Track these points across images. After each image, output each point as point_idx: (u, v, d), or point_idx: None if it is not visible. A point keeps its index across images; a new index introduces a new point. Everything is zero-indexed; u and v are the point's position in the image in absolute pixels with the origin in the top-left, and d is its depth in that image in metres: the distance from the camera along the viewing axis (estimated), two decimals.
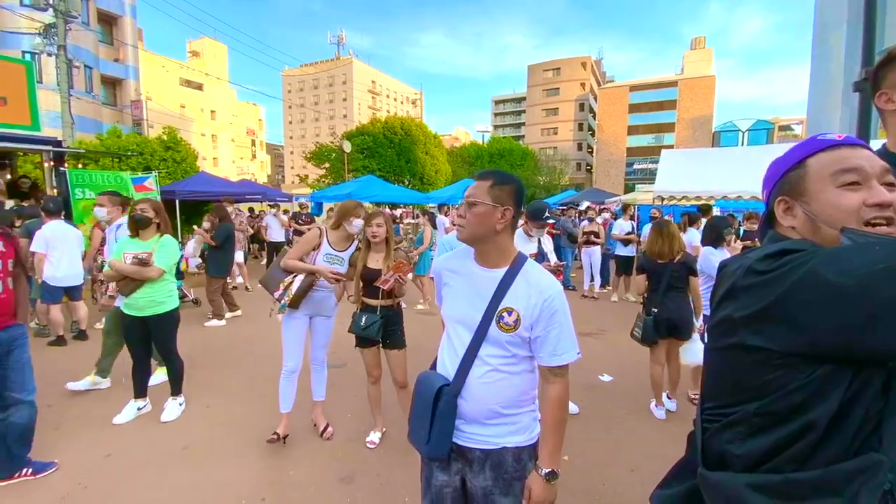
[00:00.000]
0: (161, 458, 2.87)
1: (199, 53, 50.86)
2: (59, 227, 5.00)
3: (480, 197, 1.31)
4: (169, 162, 11.72)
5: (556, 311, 1.30)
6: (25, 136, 7.58)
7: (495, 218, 1.31)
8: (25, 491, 2.52)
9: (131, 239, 3.27)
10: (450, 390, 1.33)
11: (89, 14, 21.19)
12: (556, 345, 1.30)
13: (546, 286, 1.32)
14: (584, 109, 58.06)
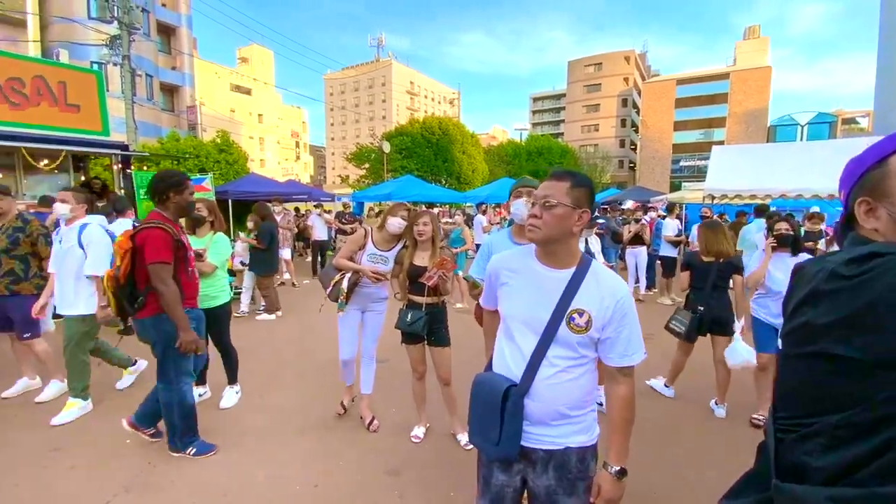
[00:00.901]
0: (221, 443, 3.06)
1: (247, 59, 53.23)
2: (125, 225, 5.40)
3: (560, 198, 1.30)
4: (222, 164, 12.39)
5: (627, 312, 1.32)
6: (96, 140, 8.24)
7: (573, 220, 1.32)
8: (101, 467, 2.76)
9: (189, 237, 3.51)
10: (517, 391, 1.33)
11: (150, 25, 22.68)
12: (627, 346, 1.32)
13: (618, 287, 1.34)
14: (628, 105, 56.20)
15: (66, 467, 2.74)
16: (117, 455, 2.89)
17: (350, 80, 67.57)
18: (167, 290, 2.58)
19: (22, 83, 7.49)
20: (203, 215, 3.54)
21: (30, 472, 2.70)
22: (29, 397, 3.70)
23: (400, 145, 27.04)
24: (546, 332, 1.32)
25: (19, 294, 3.62)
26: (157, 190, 2.73)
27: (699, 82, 48.49)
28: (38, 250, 3.72)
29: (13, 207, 3.70)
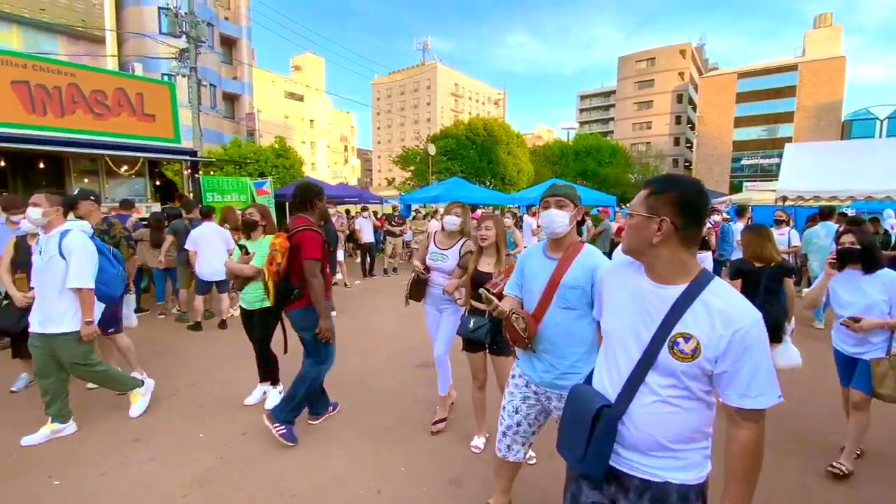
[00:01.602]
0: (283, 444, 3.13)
1: (300, 68, 55.49)
2: (207, 229, 5.74)
3: (636, 207, 1.25)
4: (280, 168, 12.97)
5: (751, 345, 1.12)
6: (169, 147, 8.83)
7: (650, 230, 1.21)
8: (178, 460, 2.90)
9: (245, 241, 3.70)
10: (611, 413, 1.25)
11: (214, 38, 24.13)
12: (749, 384, 1.13)
13: (738, 314, 1.14)
14: (683, 101, 53.47)
15: (147, 458, 2.90)
16: (191, 449, 3.02)
17: (396, 85, 68.80)
18: (318, 283, 2.98)
19: (105, 95, 8.16)
20: (256, 219, 3.69)
21: (115, 460, 2.88)
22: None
23: (445, 147, 27.17)
24: (645, 356, 1.21)
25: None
26: (307, 198, 3.17)
27: (763, 75, 45.26)
28: (121, 251, 4.01)
29: (95, 211, 3.99)
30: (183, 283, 6.40)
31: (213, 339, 5.54)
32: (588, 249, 1.97)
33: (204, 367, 4.55)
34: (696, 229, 1.22)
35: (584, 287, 1.86)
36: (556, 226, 1.92)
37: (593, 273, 1.80)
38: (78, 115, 7.70)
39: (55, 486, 2.60)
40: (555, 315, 1.92)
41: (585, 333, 1.92)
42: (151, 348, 5.01)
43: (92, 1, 20.14)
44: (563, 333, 1.92)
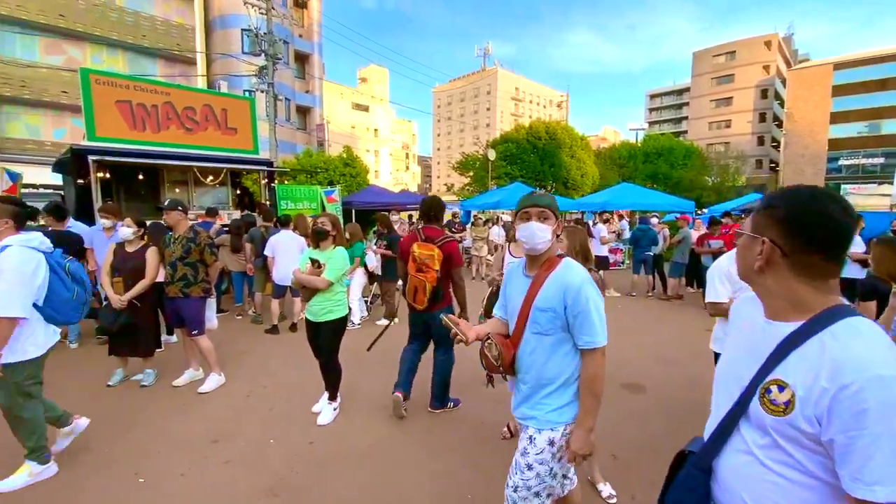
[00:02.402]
0: (353, 453, 3.10)
1: (366, 79, 57.81)
2: (284, 236, 6.00)
3: (746, 224, 1.07)
4: (347, 177, 13.46)
5: (867, 409, 0.80)
6: (249, 158, 9.41)
7: (753, 252, 1.00)
8: (251, 466, 2.95)
9: (314, 250, 3.67)
10: (695, 460, 1.09)
11: (289, 55, 25.74)
12: (863, 466, 0.81)
13: (853, 364, 0.84)
14: (768, 96, 48.84)
15: (222, 461, 2.99)
16: (263, 455, 3.07)
17: (457, 91, 69.48)
18: (464, 286, 3.53)
19: (194, 111, 8.87)
20: (327, 229, 3.62)
21: (194, 460, 2.99)
22: (193, 387, 4.20)
23: (505, 152, 26.81)
24: (739, 402, 1.01)
25: (190, 296, 4.14)
26: (437, 211, 3.67)
27: (865, 65, 40.11)
28: (205, 258, 4.23)
29: (182, 220, 4.25)
30: (259, 286, 6.75)
31: (286, 342, 5.73)
32: (565, 265, 1.75)
33: (276, 370, 4.70)
34: (813, 255, 0.94)
35: (555, 309, 1.67)
36: (537, 240, 1.71)
37: (565, 292, 1.65)
38: (171, 131, 8.44)
39: (140, 484, 2.73)
40: (529, 341, 1.76)
41: (562, 362, 1.72)
42: (229, 348, 5.28)
43: (185, 27, 22.31)
44: (538, 362, 1.75)
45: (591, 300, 1.65)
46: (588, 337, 1.66)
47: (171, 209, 4.33)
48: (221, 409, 3.77)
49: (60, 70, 17.66)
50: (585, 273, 1.73)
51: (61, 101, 18.04)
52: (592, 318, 1.65)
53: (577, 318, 1.65)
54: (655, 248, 9.05)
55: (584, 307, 1.64)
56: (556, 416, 1.73)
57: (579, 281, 1.66)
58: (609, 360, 1.76)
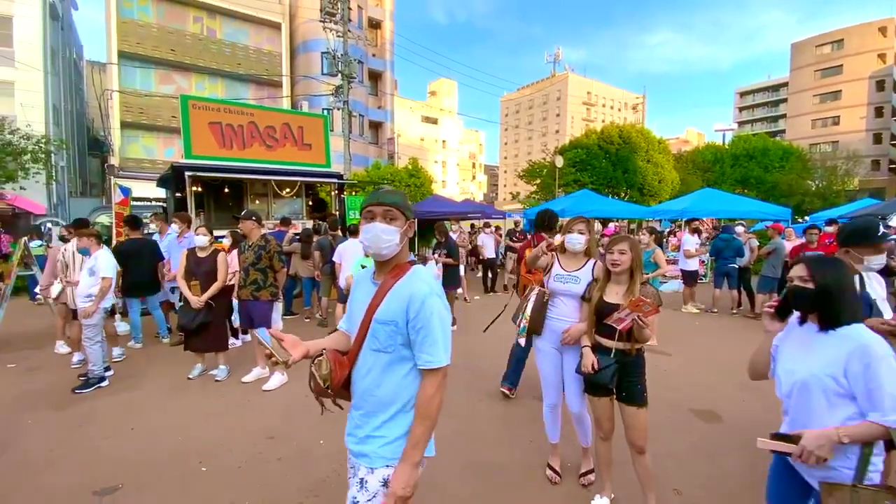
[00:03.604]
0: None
1: (435, 93, 59.37)
2: (351, 244, 6.23)
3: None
4: (412, 187, 13.85)
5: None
6: (322, 171, 10.02)
7: None
8: (300, 465, 3.07)
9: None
10: None
11: (363, 74, 27.19)
12: None
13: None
14: (886, 88, 42.43)
15: (275, 458, 3.15)
16: (312, 455, 3.19)
17: (525, 100, 68.88)
18: None
19: (274, 130, 9.65)
20: None
21: (251, 454, 3.18)
22: (259, 384, 4.49)
23: (574, 158, 25.94)
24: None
25: (259, 299, 4.46)
26: (551, 221, 3.91)
27: None
28: (273, 264, 4.55)
29: (255, 229, 4.60)
30: (325, 291, 7.12)
31: None
32: (414, 273, 1.51)
33: None
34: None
35: (397, 322, 1.44)
36: (380, 244, 1.47)
37: (409, 304, 1.42)
38: (254, 148, 9.25)
39: (203, 473, 2.96)
40: (366, 359, 1.50)
41: (400, 385, 1.47)
42: None
43: (273, 53, 24.53)
44: (373, 384, 1.48)
45: (436, 314, 1.43)
46: (428, 356, 1.43)
47: (246, 219, 4.71)
48: (281, 408, 3.98)
49: (171, 98, 20.18)
50: (434, 283, 1.51)
51: (171, 125, 20.58)
52: (436, 335, 1.42)
53: (418, 333, 1.42)
54: (741, 259, 8.16)
55: (426, 321, 1.41)
56: (390, 450, 1.46)
57: (425, 291, 1.44)
58: (680, 382, 1.59)
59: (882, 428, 1.41)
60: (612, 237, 2.56)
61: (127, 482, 2.84)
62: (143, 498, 2.71)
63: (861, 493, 1.40)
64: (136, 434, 3.50)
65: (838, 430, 1.44)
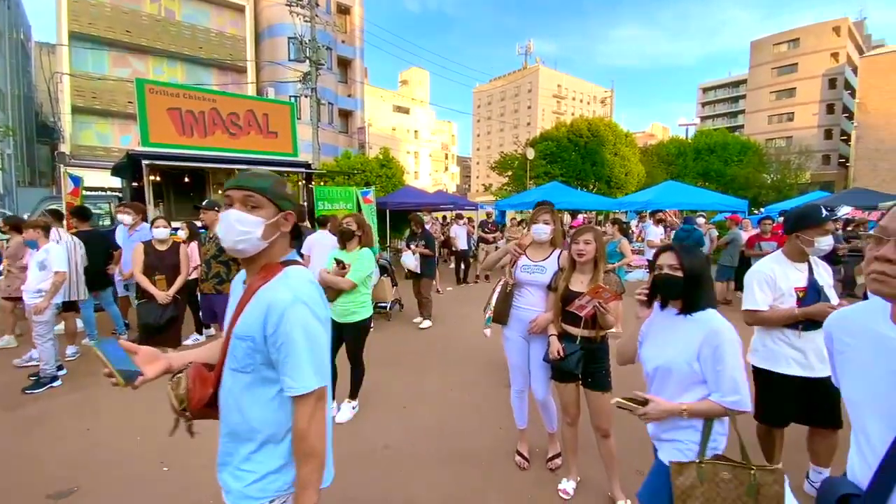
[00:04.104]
0: (364, 452, 3.11)
1: (407, 82, 58.68)
2: (320, 236, 6.05)
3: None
4: (383, 178, 13.67)
5: None
6: (288, 161, 9.75)
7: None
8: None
9: (340, 250, 3.67)
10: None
11: (332, 60, 26.51)
12: None
13: None
14: (837, 86, 44.92)
15: None
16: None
17: (497, 91, 69.06)
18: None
19: (238, 116, 9.31)
20: (352, 229, 3.61)
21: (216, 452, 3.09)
22: None
23: (545, 151, 26.25)
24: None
25: (222, 293, 4.32)
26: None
27: None
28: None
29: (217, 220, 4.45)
30: None
31: None
32: (283, 276, 1.23)
33: None
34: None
35: (254, 338, 1.18)
36: (235, 237, 1.22)
37: (266, 314, 1.15)
38: (217, 136, 8.89)
39: (165, 473, 2.86)
40: (227, 378, 1.26)
41: (265, 411, 1.21)
42: None
43: (237, 37, 23.54)
44: (234, 408, 1.24)
45: (300, 327, 1.16)
46: (291, 380, 1.16)
47: (208, 209, 4.54)
48: None
49: (126, 82, 19.10)
50: (306, 289, 1.22)
51: (128, 111, 19.50)
52: (299, 354, 1.15)
53: (279, 351, 1.16)
54: (702, 249, 8.51)
55: (287, 337, 1.14)
56: (258, 489, 1.21)
57: (287, 300, 1.16)
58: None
59: (721, 407, 1.55)
60: (578, 228, 2.61)
61: (83, 484, 2.72)
62: (99, 500, 2.60)
63: (704, 467, 1.53)
64: (92, 435, 3.34)
65: (682, 405, 1.60)
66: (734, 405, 1.54)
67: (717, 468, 1.52)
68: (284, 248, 1.32)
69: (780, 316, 2.40)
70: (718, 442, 1.62)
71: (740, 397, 1.53)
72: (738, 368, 1.55)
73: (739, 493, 1.48)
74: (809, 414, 2.46)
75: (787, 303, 2.41)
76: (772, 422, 2.55)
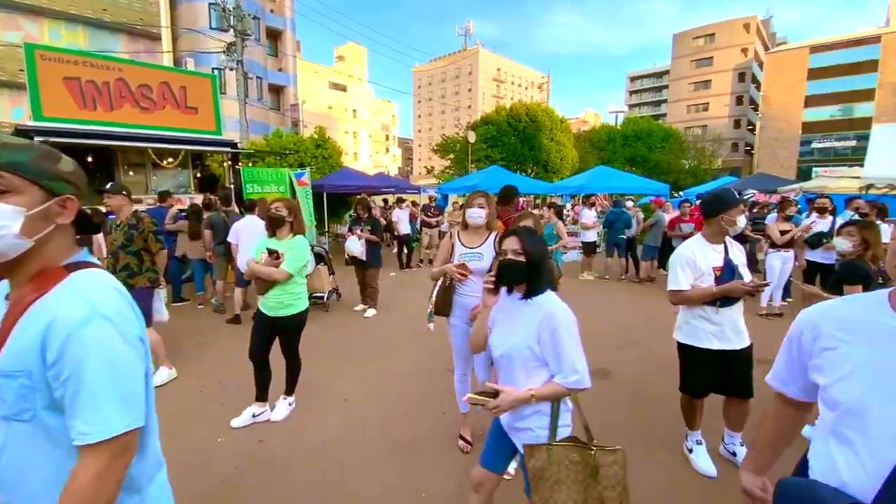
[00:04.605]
0: (304, 449, 2.97)
1: (343, 58, 56.19)
2: (248, 221, 5.54)
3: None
4: (319, 158, 13.02)
5: None
6: (211, 139, 8.98)
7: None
8: (196, 468, 2.79)
9: (269, 238, 3.35)
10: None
11: (260, 31, 24.67)
12: None
13: None
14: (746, 80, 49.38)
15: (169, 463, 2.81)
16: (210, 456, 2.91)
17: (437, 72, 68.31)
18: None
19: (150, 89, 8.38)
20: (282, 215, 3.29)
21: None
22: None
23: (485, 134, 26.50)
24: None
25: (134, 287, 3.89)
26: (512, 195, 3.80)
27: (840, 48, 40.80)
28: (149, 245, 3.96)
29: (125, 205, 3.97)
30: (220, 273, 6.48)
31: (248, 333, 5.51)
32: (68, 284, 0.92)
33: (234, 364, 4.49)
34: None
35: (30, 372, 0.85)
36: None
37: (47, 336, 0.85)
38: (126, 110, 7.95)
39: None
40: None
41: (58, 473, 0.87)
42: (186, 340, 5.06)
43: (149, 0, 21.11)
44: (11, 468, 0.90)
45: (99, 353, 0.87)
46: (84, 423, 0.85)
47: (114, 193, 4.04)
48: (170, 407, 3.57)
49: (16, 47, 16.47)
50: (107, 300, 0.92)
51: (19, 80, 16.88)
52: (96, 388, 0.85)
53: (65, 385, 0.85)
54: (629, 231, 9.05)
55: (78, 367, 0.84)
56: None
57: (79, 316, 0.86)
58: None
59: (564, 388, 1.62)
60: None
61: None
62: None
63: (554, 449, 1.59)
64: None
65: (530, 391, 1.62)
66: (576, 384, 1.60)
67: (567, 450, 1.58)
68: (67, 247, 0.97)
69: (699, 294, 2.57)
70: (565, 420, 1.69)
71: (579, 376, 1.59)
72: (575, 348, 1.61)
73: (586, 474, 1.55)
74: (726, 385, 2.68)
75: (706, 282, 2.59)
76: (693, 393, 2.76)
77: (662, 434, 3.14)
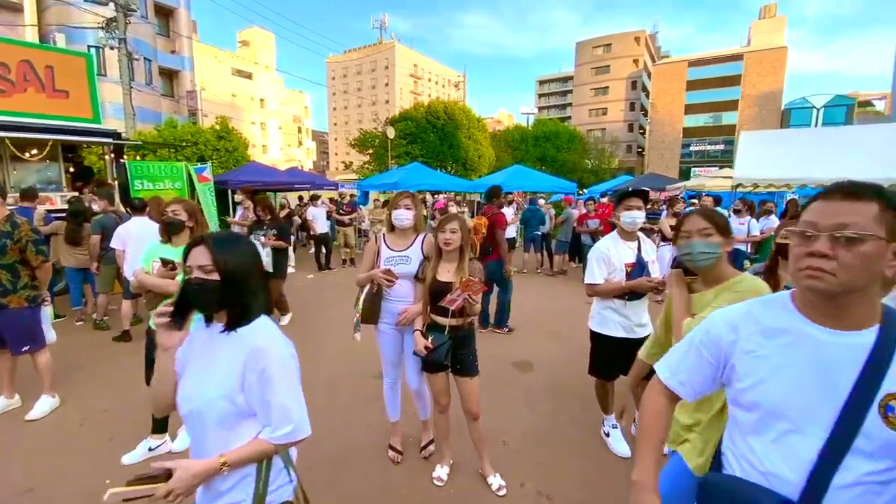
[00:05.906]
0: None
1: (248, 43, 52.21)
2: (137, 224, 4.62)
3: (866, 226, 0.88)
4: (221, 151, 11.93)
5: None
6: (87, 128, 7.77)
7: (886, 260, 0.89)
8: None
9: (163, 245, 2.88)
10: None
11: (147, 7, 21.95)
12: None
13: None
14: (637, 88, 54.84)
15: None
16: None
17: (353, 64, 66.33)
18: (505, 244, 5.31)
19: (7, 68, 7.02)
20: (181, 219, 2.84)
21: None
22: (12, 417, 3.33)
23: (404, 130, 26.32)
24: (839, 431, 0.90)
25: (7, 307, 3.22)
26: (495, 195, 5.51)
27: (711, 64, 47.08)
28: (28, 257, 3.28)
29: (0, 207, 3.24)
30: (104, 286, 5.61)
31: (138, 350, 4.84)
32: None
33: (123, 387, 3.93)
34: None
35: None
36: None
37: None
38: None
39: None
40: None
41: None
42: (68, 362, 4.33)
43: None
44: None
45: None
46: None
47: None
48: (46, 443, 3.03)
49: None
50: None
51: None
52: None
53: None
54: (543, 227, 9.57)
55: None
56: None
57: None
58: (502, 339, 1.61)
59: (272, 445, 1.22)
60: (443, 217, 2.56)
61: None
62: None
63: None
64: None
65: (221, 458, 1.17)
66: (287, 438, 1.22)
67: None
68: None
69: (610, 288, 2.78)
70: (284, 489, 1.30)
71: (293, 425, 1.22)
72: (290, 391, 1.24)
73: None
74: (630, 369, 2.93)
75: (618, 277, 2.80)
76: (604, 376, 3.02)
77: (583, 421, 3.34)
